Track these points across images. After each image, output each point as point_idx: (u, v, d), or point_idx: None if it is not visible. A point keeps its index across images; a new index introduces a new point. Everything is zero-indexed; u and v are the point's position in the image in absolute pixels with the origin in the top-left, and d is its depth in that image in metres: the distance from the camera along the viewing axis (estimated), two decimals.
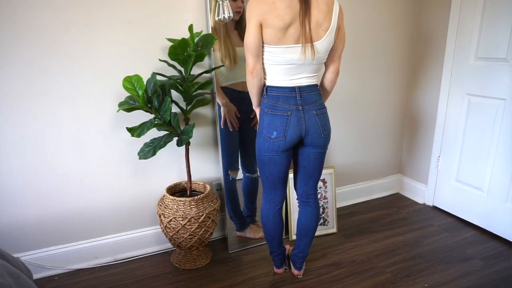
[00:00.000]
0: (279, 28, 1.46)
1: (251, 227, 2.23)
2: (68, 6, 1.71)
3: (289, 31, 1.48)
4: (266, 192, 1.76)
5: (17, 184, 1.81)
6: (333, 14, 1.52)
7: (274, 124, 1.59)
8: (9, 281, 1.07)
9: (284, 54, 1.51)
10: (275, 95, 1.59)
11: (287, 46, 1.50)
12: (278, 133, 1.59)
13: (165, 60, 1.81)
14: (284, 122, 1.58)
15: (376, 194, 2.86)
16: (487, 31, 2.17)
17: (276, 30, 1.47)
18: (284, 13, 1.45)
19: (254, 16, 1.47)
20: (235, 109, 2.04)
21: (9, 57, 1.67)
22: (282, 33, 1.47)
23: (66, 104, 1.81)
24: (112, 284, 1.88)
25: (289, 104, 1.58)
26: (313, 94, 1.63)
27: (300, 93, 1.59)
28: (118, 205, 2.04)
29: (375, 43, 2.50)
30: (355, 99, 2.55)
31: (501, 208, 2.23)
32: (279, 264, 1.92)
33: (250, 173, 2.18)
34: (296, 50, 1.51)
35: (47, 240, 1.93)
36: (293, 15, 1.46)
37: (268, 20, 1.46)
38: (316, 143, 1.66)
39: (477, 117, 2.31)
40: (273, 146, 1.61)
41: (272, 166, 1.66)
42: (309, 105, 1.61)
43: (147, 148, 1.75)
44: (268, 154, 1.63)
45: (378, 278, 1.91)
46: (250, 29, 1.49)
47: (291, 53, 1.51)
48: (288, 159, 1.68)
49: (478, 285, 1.85)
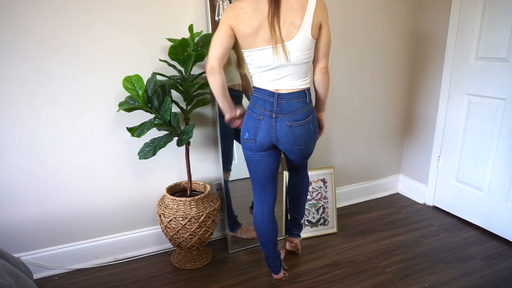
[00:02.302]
0: (248, 33, 1.48)
1: (242, 228, 2.22)
2: (68, 6, 1.71)
3: (259, 34, 1.47)
4: (257, 193, 1.77)
5: (17, 184, 1.81)
6: (306, 10, 1.46)
7: (247, 125, 1.62)
8: (9, 281, 1.07)
9: (259, 57, 1.51)
10: (256, 96, 1.61)
11: (259, 48, 1.50)
12: (250, 135, 1.62)
13: (165, 60, 1.81)
14: (255, 125, 1.60)
15: (376, 194, 2.86)
16: (487, 31, 2.17)
17: (246, 35, 1.48)
18: (251, 17, 1.46)
19: (225, 21, 1.50)
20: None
21: (8, 57, 1.67)
22: (253, 36, 1.48)
23: (66, 104, 1.81)
24: (112, 284, 1.88)
25: (265, 108, 1.58)
26: (295, 102, 1.56)
27: (278, 99, 1.55)
28: (118, 205, 2.04)
29: (375, 43, 2.50)
30: (355, 99, 2.55)
31: (501, 208, 2.23)
32: (277, 268, 1.88)
33: None
34: (267, 52, 1.49)
35: (47, 240, 1.93)
36: (261, 18, 1.46)
37: (238, 26, 1.48)
38: (290, 151, 1.67)
39: (477, 117, 2.31)
40: (246, 146, 1.66)
41: (255, 165, 1.69)
42: (284, 114, 1.56)
43: (147, 148, 1.75)
44: (247, 153, 1.68)
45: (378, 278, 1.91)
46: (217, 31, 1.52)
47: (265, 55, 1.50)
48: (272, 159, 1.68)
49: (478, 285, 1.85)
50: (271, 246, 1.82)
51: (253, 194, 1.79)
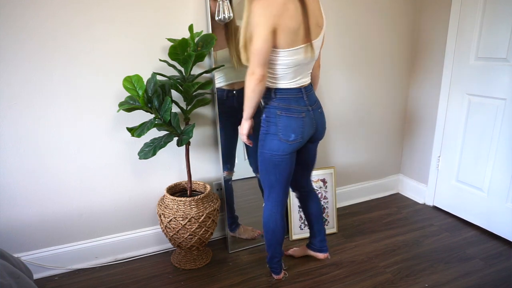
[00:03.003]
0: (294, 30, 1.43)
1: (240, 228, 2.22)
2: (68, 6, 1.71)
3: (299, 32, 1.46)
4: (275, 195, 1.72)
5: (17, 184, 1.81)
6: (322, 9, 1.55)
7: (291, 127, 1.59)
8: (9, 281, 1.07)
9: (293, 56, 1.50)
10: (286, 97, 1.59)
11: (297, 47, 1.49)
12: (296, 135, 1.60)
13: (165, 60, 1.81)
14: (301, 124, 1.61)
15: (376, 194, 2.86)
16: (487, 31, 2.17)
17: (291, 33, 1.44)
18: (295, 14, 1.42)
19: (267, 19, 1.39)
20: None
21: (9, 57, 1.67)
22: (295, 34, 1.45)
23: (66, 104, 1.81)
24: (112, 284, 1.88)
25: (300, 105, 1.61)
26: (313, 93, 1.68)
27: (306, 93, 1.62)
28: (118, 205, 2.04)
29: (375, 43, 2.50)
30: (355, 99, 2.54)
31: (501, 208, 2.23)
32: (279, 269, 1.88)
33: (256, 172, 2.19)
34: (301, 50, 1.50)
35: (47, 240, 1.93)
36: (301, 16, 1.45)
37: (283, 23, 1.40)
38: (319, 137, 1.75)
39: (477, 117, 2.30)
40: (289, 147, 1.62)
41: (283, 167, 1.66)
42: (313, 105, 1.65)
43: (147, 148, 1.75)
44: (282, 156, 1.63)
45: (378, 278, 1.91)
46: (261, 34, 1.40)
47: (298, 54, 1.51)
48: (294, 158, 1.71)
49: (478, 285, 1.85)
50: (279, 247, 1.82)
51: (267, 197, 1.74)
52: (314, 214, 1.92)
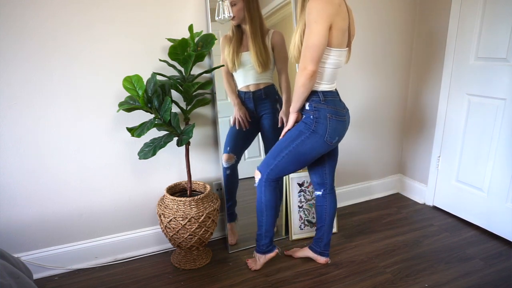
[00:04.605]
0: (343, 31, 1.49)
1: (233, 225, 2.19)
2: (68, 6, 1.71)
3: (346, 34, 1.54)
4: (280, 179, 1.80)
5: (17, 184, 1.81)
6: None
7: (338, 130, 1.65)
8: (9, 281, 1.07)
9: (340, 57, 1.57)
10: (332, 100, 1.64)
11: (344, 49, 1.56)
12: (339, 137, 1.68)
13: (165, 60, 1.81)
14: (343, 127, 1.68)
15: (376, 194, 2.86)
16: (487, 31, 2.17)
17: (341, 34, 1.49)
18: (346, 16, 1.49)
19: (326, 17, 1.43)
20: (246, 111, 2.09)
21: (9, 57, 1.67)
22: (344, 36, 1.51)
23: (66, 104, 1.81)
24: (112, 284, 1.88)
25: (342, 108, 1.67)
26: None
27: (339, 96, 1.69)
28: (118, 205, 2.04)
29: (375, 43, 2.50)
30: (355, 99, 2.54)
31: (501, 208, 2.23)
32: (273, 245, 1.92)
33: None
34: (345, 53, 1.58)
35: (47, 240, 1.93)
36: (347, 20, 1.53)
37: (337, 22, 1.46)
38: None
39: (477, 117, 2.31)
40: (328, 148, 1.69)
41: (308, 162, 1.75)
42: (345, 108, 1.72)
43: (147, 148, 1.75)
44: (317, 155, 1.70)
45: (378, 278, 1.91)
46: (319, 29, 1.44)
47: (342, 56, 1.58)
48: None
49: (478, 285, 1.85)
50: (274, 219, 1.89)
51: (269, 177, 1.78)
52: (330, 215, 1.94)
